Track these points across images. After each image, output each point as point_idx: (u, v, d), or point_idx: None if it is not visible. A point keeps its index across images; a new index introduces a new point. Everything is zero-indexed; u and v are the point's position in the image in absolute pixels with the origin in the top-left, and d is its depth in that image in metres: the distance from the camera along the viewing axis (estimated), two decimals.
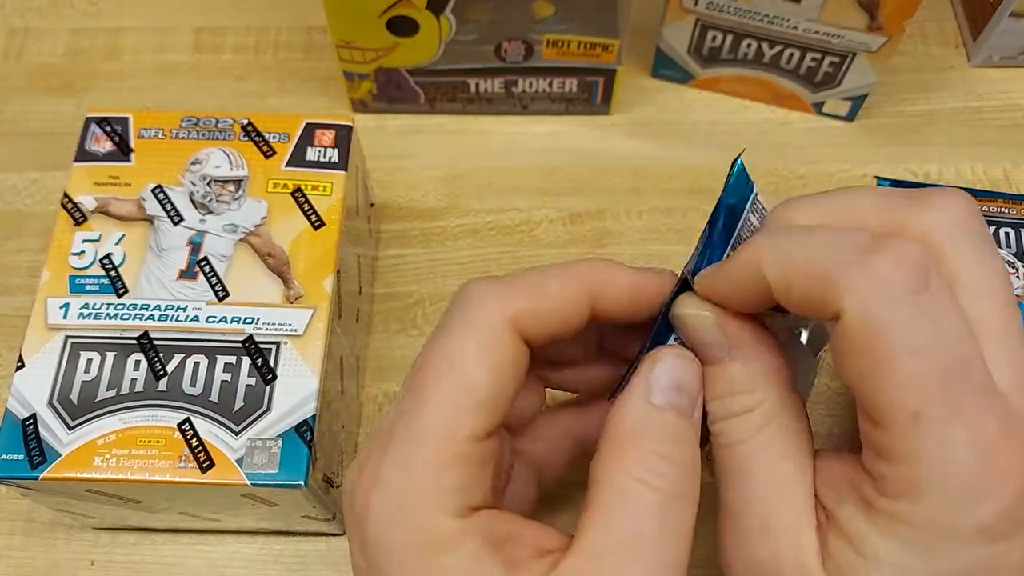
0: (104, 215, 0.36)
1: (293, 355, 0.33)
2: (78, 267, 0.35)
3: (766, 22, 0.44)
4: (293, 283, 0.35)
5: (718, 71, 0.48)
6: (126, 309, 0.34)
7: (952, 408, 0.19)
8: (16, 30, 0.52)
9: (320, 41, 0.51)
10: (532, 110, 0.49)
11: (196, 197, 0.37)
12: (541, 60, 0.45)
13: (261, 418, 0.32)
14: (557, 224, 0.46)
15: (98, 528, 0.39)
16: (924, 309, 0.20)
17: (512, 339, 0.23)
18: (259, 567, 0.38)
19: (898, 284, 0.20)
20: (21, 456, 0.32)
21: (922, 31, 0.52)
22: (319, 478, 0.33)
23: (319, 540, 0.39)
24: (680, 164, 0.48)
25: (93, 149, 0.38)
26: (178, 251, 0.35)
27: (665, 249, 0.45)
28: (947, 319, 0.20)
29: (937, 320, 0.20)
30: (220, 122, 0.38)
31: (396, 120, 0.49)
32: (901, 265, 0.20)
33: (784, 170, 0.47)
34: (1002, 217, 0.41)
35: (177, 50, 0.51)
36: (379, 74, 0.46)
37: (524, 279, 0.25)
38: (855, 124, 0.49)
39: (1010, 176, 0.47)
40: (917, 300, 0.20)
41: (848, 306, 0.20)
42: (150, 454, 0.32)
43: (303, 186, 0.37)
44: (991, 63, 0.50)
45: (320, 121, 0.39)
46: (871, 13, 0.42)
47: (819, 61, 0.45)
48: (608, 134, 0.49)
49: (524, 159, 0.48)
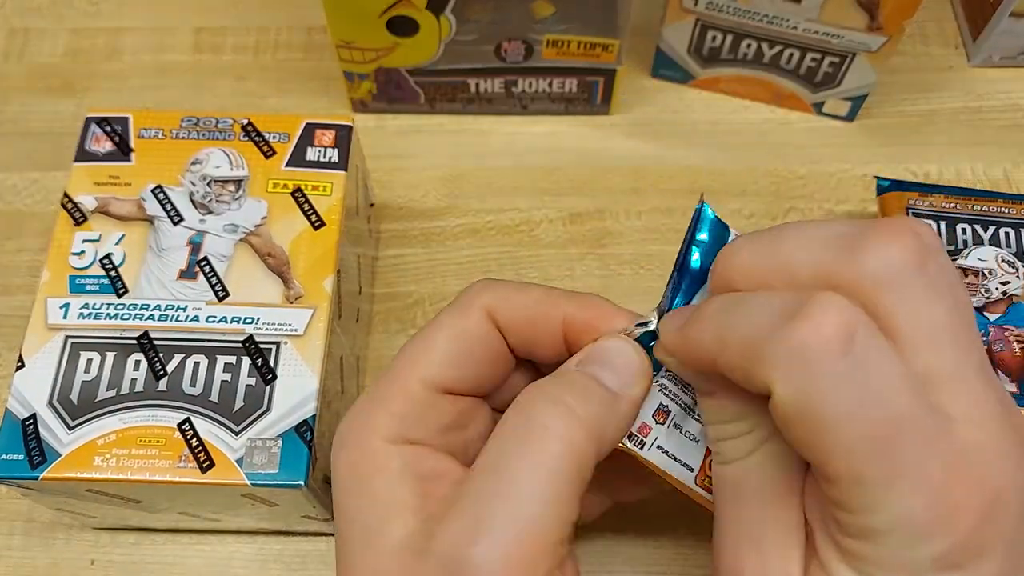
0: (104, 215, 0.36)
1: (293, 355, 0.33)
2: (78, 267, 0.35)
3: (766, 22, 0.44)
4: (293, 283, 0.35)
5: (718, 71, 0.48)
6: (126, 309, 0.34)
7: (891, 465, 0.19)
8: (16, 30, 0.52)
9: (320, 41, 0.51)
10: (532, 110, 0.49)
11: (196, 197, 0.37)
12: (541, 60, 0.45)
13: (261, 418, 0.32)
14: (557, 224, 0.46)
15: (98, 528, 0.39)
16: (848, 374, 0.19)
17: (479, 317, 0.26)
18: (259, 567, 0.38)
19: (818, 352, 0.20)
20: (21, 456, 0.32)
21: (922, 31, 0.52)
22: (319, 478, 0.33)
23: (319, 540, 0.39)
24: (680, 164, 0.48)
25: (93, 149, 0.38)
26: (178, 251, 0.35)
27: (665, 249, 0.45)
28: (876, 377, 0.20)
29: (864, 381, 0.19)
30: (220, 122, 0.38)
31: (396, 120, 0.49)
32: (819, 331, 0.20)
33: (784, 170, 0.47)
34: (1002, 217, 0.41)
35: (177, 50, 0.51)
36: (379, 74, 0.46)
37: (521, 282, 0.28)
38: (855, 124, 0.49)
39: (1010, 176, 0.47)
40: (840, 366, 0.19)
41: (774, 384, 0.20)
42: (150, 454, 0.32)
43: (303, 186, 0.37)
44: (991, 63, 0.50)
45: (320, 121, 0.39)
46: (871, 13, 0.42)
47: (819, 61, 0.45)
48: (608, 134, 0.49)
49: (524, 159, 0.48)
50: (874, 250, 0.21)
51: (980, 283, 0.39)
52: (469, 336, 0.26)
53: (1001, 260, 0.40)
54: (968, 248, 0.40)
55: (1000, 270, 0.39)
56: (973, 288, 0.39)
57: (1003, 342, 0.37)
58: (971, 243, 0.40)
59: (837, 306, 0.20)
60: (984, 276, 0.39)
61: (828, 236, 0.22)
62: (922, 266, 0.21)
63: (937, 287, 0.21)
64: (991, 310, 0.38)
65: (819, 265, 0.22)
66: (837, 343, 0.20)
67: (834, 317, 0.20)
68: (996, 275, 0.39)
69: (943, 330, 0.21)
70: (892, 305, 0.20)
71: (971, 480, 0.20)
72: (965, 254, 0.40)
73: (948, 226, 0.41)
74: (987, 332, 0.38)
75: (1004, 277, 0.39)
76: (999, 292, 0.39)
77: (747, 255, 0.23)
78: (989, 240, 0.40)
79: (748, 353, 0.21)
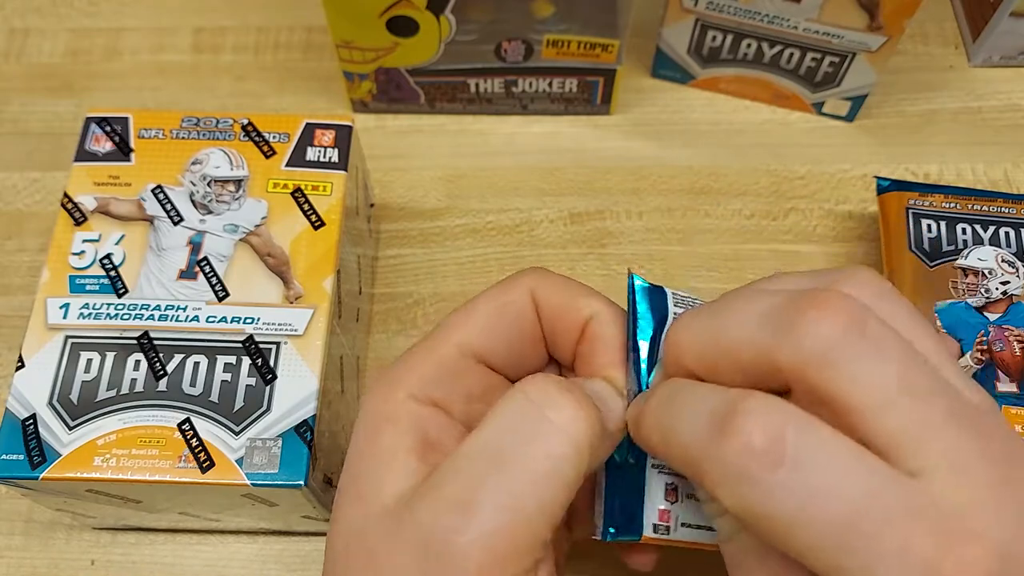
0: (104, 215, 0.36)
1: (293, 355, 0.33)
2: (78, 267, 0.35)
3: (766, 22, 0.44)
4: (293, 283, 0.35)
5: (718, 71, 0.48)
6: (126, 309, 0.34)
7: (866, 551, 0.19)
8: (16, 30, 0.52)
9: (320, 41, 0.51)
10: (532, 110, 0.49)
11: (196, 197, 0.37)
12: (541, 60, 0.45)
13: (261, 418, 0.32)
14: (557, 224, 0.46)
15: (98, 528, 0.39)
16: (787, 481, 0.19)
17: (522, 293, 0.27)
18: (259, 567, 0.38)
19: (751, 467, 0.19)
20: (21, 456, 0.32)
21: (922, 31, 0.52)
22: (319, 478, 0.33)
23: (319, 540, 0.39)
24: (680, 164, 0.48)
25: (93, 149, 0.38)
26: (178, 251, 0.35)
27: (665, 249, 0.45)
28: (821, 473, 0.19)
29: (806, 482, 0.19)
30: (220, 122, 0.38)
31: (396, 120, 0.49)
32: (749, 445, 0.19)
33: (784, 170, 0.47)
34: (1002, 217, 0.41)
35: (177, 50, 0.51)
36: (379, 74, 0.46)
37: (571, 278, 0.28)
38: (855, 124, 0.49)
39: (1010, 176, 0.47)
40: (777, 475, 0.19)
41: (720, 497, 0.20)
42: (150, 454, 0.32)
43: (303, 186, 0.37)
44: (991, 63, 0.50)
45: (320, 121, 0.39)
46: (871, 13, 0.42)
47: (819, 61, 0.45)
48: (608, 134, 0.49)
49: (524, 159, 0.48)
50: (806, 327, 0.20)
51: (980, 283, 0.39)
52: (509, 309, 0.26)
53: (1001, 260, 0.40)
54: (968, 248, 0.40)
55: (1000, 270, 0.39)
56: (973, 288, 0.39)
57: (1003, 342, 0.37)
58: (971, 243, 0.40)
59: (763, 412, 0.20)
60: (984, 276, 0.39)
61: (764, 313, 0.21)
62: (860, 330, 0.20)
63: (881, 347, 0.20)
64: (991, 310, 0.38)
65: (758, 347, 0.21)
66: (768, 454, 0.19)
67: (761, 426, 0.19)
68: (996, 275, 0.39)
69: (896, 389, 0.19)
70: (834, 380, 0.20)
71: (967, 541, 0.18)
72: (965, 254, 0.40)
73: (948, 226, 0.41)
74: (987, 332, 0.38)
75: (1004, 277, 0.39)
76: (999, 292, 0.39)
77: (693, 335, 0.23)
78: (989, 240, 0.40)
79: (689, 462, 0.21)
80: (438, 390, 0.25)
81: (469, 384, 0.26)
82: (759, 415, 0.20)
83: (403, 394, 0.25)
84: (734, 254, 0.45)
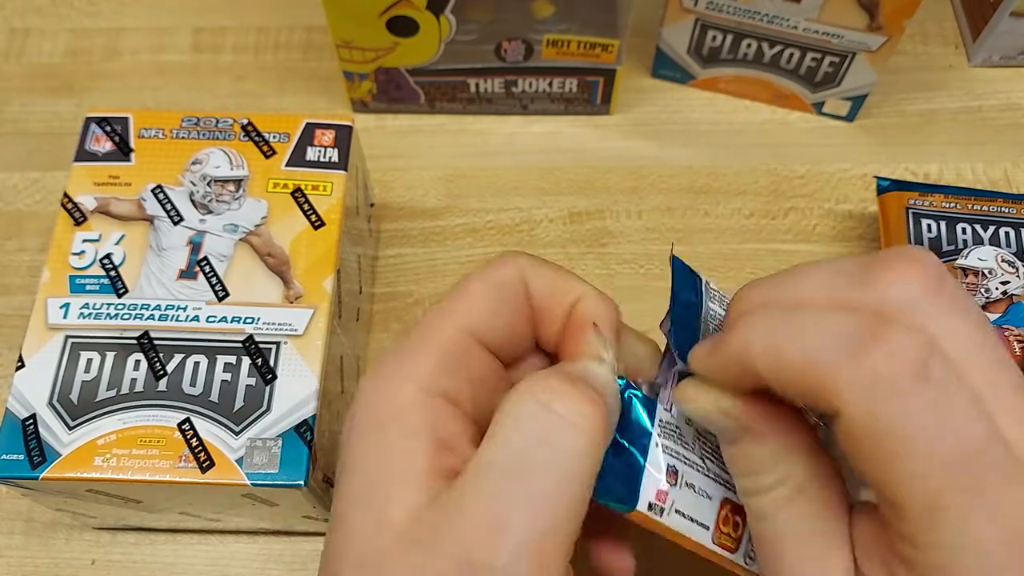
0: (104, 215, 0.36)
1: (293, 355, 0.33)
2: (78, 267, 0.35)
3: (766, 22, 0.44)
4: (293, 283, 0.35)
5: (718, 71, 0.48)
6: (126, 309, 0.34)
7: (968, 497, 0.19)
8: (16, 30, 0.52)
9: (320, 41, 0.51)
10: (532, 110, 0.49)
11: (196, 197, 0.37)
12: (541, 60, 0.45)
13: (261, 418, 0.32)
14: (557, 223, 0.46)
15: (98, 528, 0.39)
16: (926, 402, 0.19)
17: (513, 270, 0.26)
18: (259, 567, 0.38)
19: (897, 377, 0.19)
20: (21, 456, 0.32)
21: (922, 31, 0.52)
22: (319, 478, 0.33)
23: (319, 540, 0.39)
24: (680, 164, 0.48)
25: (93, 149, 0.38)
26: (178, 251, 0.35)
27: (664, 249, 0.45)
28: (953, 407, 0.19)
29: (942, 411, 0.19)
30: (220, 122, 0.38)
31: (396, 120, 0.49)
32: (897, 356, 0.19)
33: (784, 170, 0.47)
34: (1002, 217, 0.41)
35: (177, 50, 0.51)
36: (379, 74, 0.46)
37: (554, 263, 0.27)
38: (855, 124, 0.49)
39: (1010, 176, 0.47)
40: (919, 393, 0.19)
41: (846, 407, 0.20)
42: (150, 454, 0.32)
43: (303, 186, 0.37)
44: (991, 63, 0.50)
45: (320, 121, 0.39)
46: (871, 13, 0.42)
47: (819, 61, 0.45)
48: (608, 134, 0.49)
49: (524, 159, 0.48)
50: (891, 278, 0.21)
51: (980, 283, 0.39)
52: (505, 286, 0.26)
53: (1001, 260, 0.40)
54: (968, 248, 0.40)
55: (1000, 270, 0.39)
56: (973, 288, 0.39)
57: (1003, 342, 0.37)
58: (971, 243, 0.40)
59: (913, 332, 0.20)
60: (984, 276, 0.39)
61: (839, 271, 0.22)
62: (940, 288, 0.21)
63: (962, 306, 0.21)
64: (991, 310, 0.38)
65: (839, 299, 0.21)
66: (915, 370, 0.19)
67: (911, 343, 0.19)
68: (996, 275, 0.39)
69: (979, 348, 0.20)
70: (930, 327, 0.20)
71: None
72: (965, 254, 0.40)
73: (948, 226, 0.41)
74: None
75: (1004, 277, 0.39)
76: (999, 292, 0.39)
77: (766, 290, 0.23)
78: (989, 240, 0.40)
79: (813, 371, 0.20)
80: (448, 379, 0.24)
81: (473, 369, 0.25)
82: (913, 332, 0.20)
83: (411, 386, 0.23)
84: (733, 254, 0.45)
